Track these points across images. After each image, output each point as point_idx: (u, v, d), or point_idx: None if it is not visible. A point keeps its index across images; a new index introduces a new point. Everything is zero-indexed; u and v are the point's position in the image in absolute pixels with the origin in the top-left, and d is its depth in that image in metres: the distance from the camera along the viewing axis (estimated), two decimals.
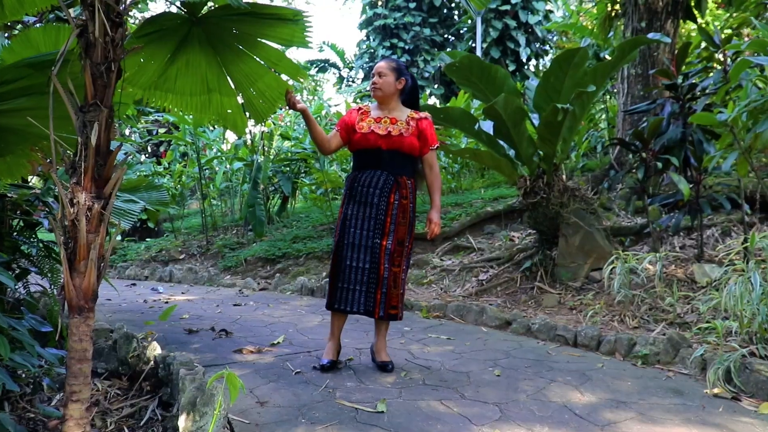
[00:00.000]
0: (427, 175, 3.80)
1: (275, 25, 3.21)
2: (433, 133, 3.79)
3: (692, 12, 8.31)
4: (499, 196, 8.34)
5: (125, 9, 2.29)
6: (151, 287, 7.60)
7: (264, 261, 8.41)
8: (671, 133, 5.44)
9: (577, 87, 5.31)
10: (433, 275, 6.73)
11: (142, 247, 10.68)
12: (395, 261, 3.61)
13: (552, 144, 5.50)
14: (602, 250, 5.71)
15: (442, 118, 5.83)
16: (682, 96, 5.63)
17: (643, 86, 7.79)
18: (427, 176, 3.80)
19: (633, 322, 4.72)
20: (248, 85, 3.51)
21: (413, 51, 17.96)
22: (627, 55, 5.39)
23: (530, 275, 5.95)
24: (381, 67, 3.74)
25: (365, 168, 3.67)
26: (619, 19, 8.71)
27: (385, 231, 3.59)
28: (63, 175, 2.78)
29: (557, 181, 5.77)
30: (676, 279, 5.18)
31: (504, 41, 15.62)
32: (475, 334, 4.70)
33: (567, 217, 5.73)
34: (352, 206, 3.63)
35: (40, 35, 3.31)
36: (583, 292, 5.49)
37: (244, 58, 3.38)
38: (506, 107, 5.15)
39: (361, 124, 3.70)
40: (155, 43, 3.19)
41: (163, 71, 3.36)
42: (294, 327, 4.90)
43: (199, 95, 3.55)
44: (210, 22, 3.16)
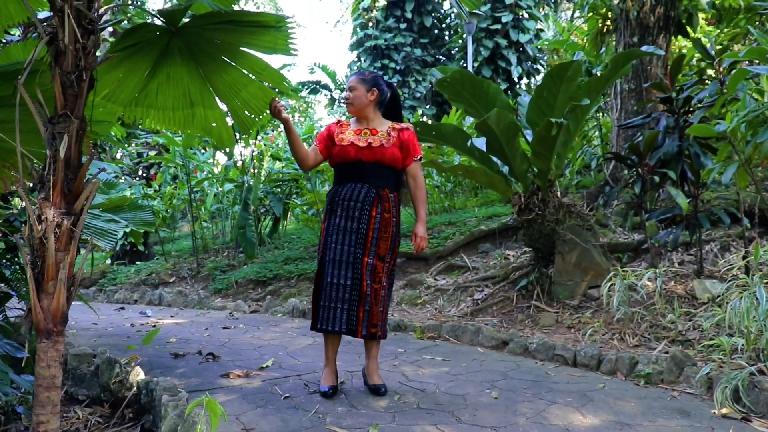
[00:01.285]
0: (411, 187, 3.68)
1: (257, 32, 3.11)
2: (416, 144, 3.68)
3: (684, 28, 8.28)
4: (493, 214, 8.22)
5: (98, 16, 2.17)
6: (139, 311, 7.43)
7: (255, 283, 8.26)
8: (667, 146, 5.35)
9: (570, 101, 5.22)
10: (427, 295, 6.59)
11: (132, 271, 10.50)
12: (376, 278, 3.47)
13: (546, 159, 5.40)
14: (599, 267, 5.59)
15: (434, 135, 5.73)
16: (678, 109, 5.55)
17: (637, 101, 7.72)
18: (411, 188, 3.68)
19: (633, 340, 4.59)
20: (232, 96, 3.40)
21: (404, 71, 17.94)
22: (620, 68, 5.31)
23: (526, 294, 5.82)
24: (351, 82, 3.66)
25: (346, 181, 3.55)
26: (610, 35, 8.68)
27: (366, 246, 3.45)
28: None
29: (552, 198, 5.67)
30: (676, 295, 5.06)
31: (495, 60, 15.62)
32: (471, 355, 4.55)
33: (563, 233, 5.61)
34: (332, 221, 3.50)
35: (20, 51, 3.20)
36: (581, 310, 5.36)
37: (227, 68, 3.27)
38: (499, 122, 5.05)
39: (341, 137, 3.58)
40: (134, 57, 3.08)
41: (144, 86, 3.24)
42: (284, 350, 4.74)
43: (182, 110, 3.43)
44: (190, 33, 3.05)
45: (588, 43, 8.90)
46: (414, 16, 18.52)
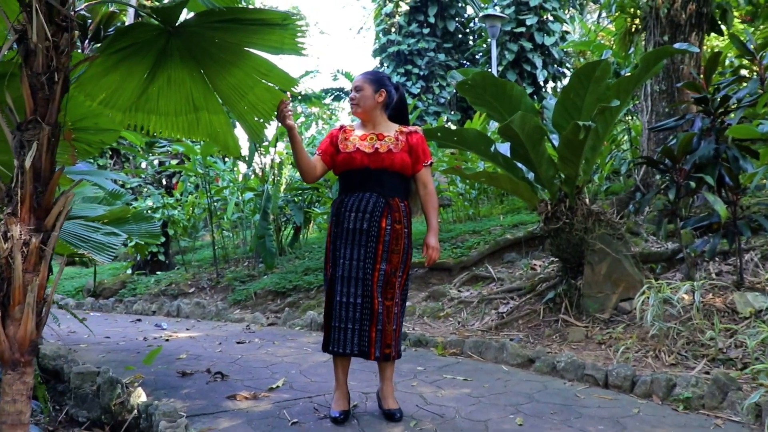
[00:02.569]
0: (421, 194, 3.42)
1: (262, 31, 2.88)
2: (425, 148, 3.43)
3: (717, 25, 7.93)
4: (519, 222, 7.93)
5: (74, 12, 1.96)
6: (155, 323, 7.26)
7: (274, 294, 8.05)
8: (703, 150, 5.03)
9: (599, 102, 4.94)
10: (450, 308, 6.32)
11: (152, 281, 10.37)
12: (388, 294, 3.22)
13: (574, 165, 5.11)
14: (631, 278, 5.28)
15: (456, 141, 5.47)
16: (714, 110, 5.23)
17: (668, 103, 7.39)
18: (421, 196, 3.43)
19: (669, 359, 4.28)
20: (237, 99, 3.18)
21: (428, 77, 17.68)
22: (651, 67, 5.02)
23: (554, 307, 5.52)
24: (357, 81, 3.39)
25: (352, 191, 3.30)
26: (639, 35, 8.35)
27: (377, 260, 3.20)
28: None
29: (580, 205, 5.37)
30: (715, 309, 4.73)
31: (520, 64, 15.31)
32: (495, 374, 4.28)
33: (592, 243, 5.30)
34: (340, 234, 3.25)
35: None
36: (612, 325, 5.05)
37: (231, 69, 3.06)
38: (523, 126, 4.77)
39: (345, 143, 3.33)
40: (131, 59, 2.88)
41: (143, 90, 3.03)
42: (297, 367, 4.51)
43: (185, 114, 3.22)
44: (189, 33, 2.84)
45: (616, 43, 8.57)
46: (437, 20, 18.27)
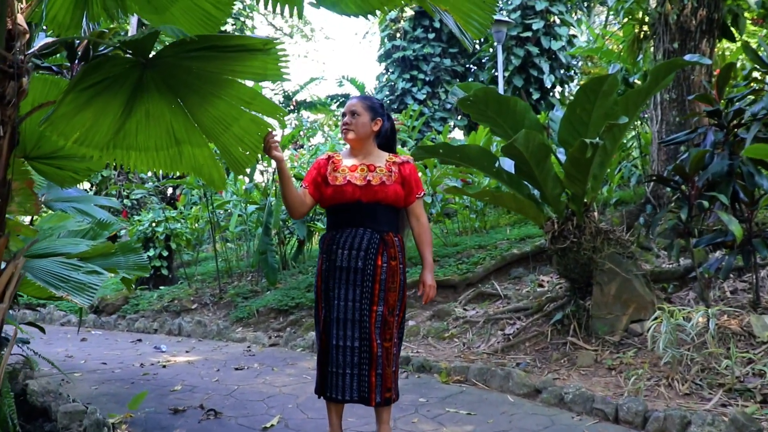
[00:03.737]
0: (414, 228, 3.25)
1: (243, 58, 2.70)
2: (418, 179, 3.27)
3: (729, 30, 7.70)
4: (526, 235, 7.73)
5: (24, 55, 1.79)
6: (154, 345, 7.09)
7: (277, 312, 7.88)
8: (717, 165, 4.82)
9: (606, 118, 4.75)
10: (455, 328, 6.13)
11: (155, 296, 10.21)
12: (386, 335, 3.05)
13: (581, 183, 4.92)
14: (642, 299, 5.08)
15: (458, 158, 5.29)
16: (727, 123, 5.02)
17: (679, 112, 7.17)
18: (414, 230, 3.26)
19: (683, 388, 4.08)
20: (221, 131, 2.99)
21: (434, 82, 17.50)
22: (661, 80, 4.82)
23: (562, 328, 5.32)
24: (354, 105, 3.20)
25: (343, 226, 3.12)
26: (648, 41, 8.13)
27: (374, 300, 3.02)
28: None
29: (588, 223, 5.17)
30: (730, 332, 4.53)
31: (527, 69, 15.09)
32: (500, 406, 4.09)
33: (601, 263, 5.11)
34: (332, 273, 3.07)
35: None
36: (622, 348, 4.85)
37: (212, 100, 2.87)
38: (527, 144, 4.59)
39: (335, 175, 3.15)
40: (104, 95, 2.69)
41: (120, 126, 2.85)
42: (295, 400, 4.34)
43: (166, 149, 3.03)
44: (164, 64, 2.66)
45: (624, 50, 8.36)
46: (442, 25, 18.06)
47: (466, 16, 2.08)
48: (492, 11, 2.11)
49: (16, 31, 1.75)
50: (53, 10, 2.68)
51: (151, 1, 2.82)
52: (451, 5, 2.05)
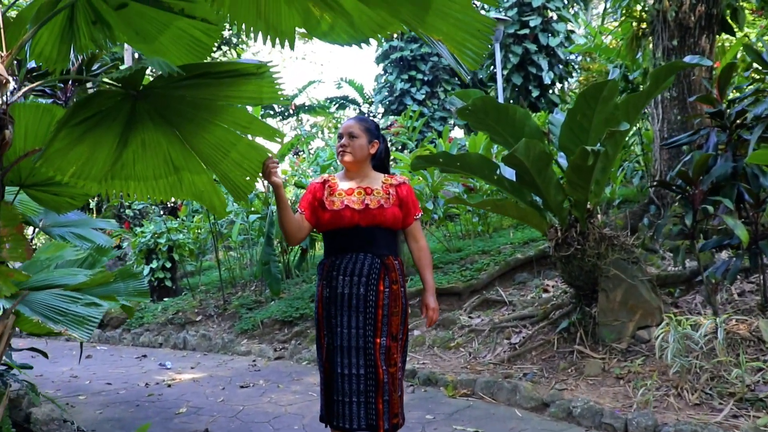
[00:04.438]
0: (413, 250, 3.22)
1: (237, 83, 2.66)
2: (415, 200, 3.23)
3: (728, 24, 7.62)
4: (529, 239, 7.67)
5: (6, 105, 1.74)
6: (159, 362, 7.06)
7: (281, 323, 7.84)
8: (721, 168, 4.76)
9: (607, 123, 4.70)
10: (461, 337, 6.08)
11: (159, 309, 10.18)
12: (391, 360, 3.00)
13: (583, 189, 4.86)
14: (648, 304, 5.02)
15: (458, 166, 5.23)
16: (729, 124, 4.96)
17: (680, 110, 7.10)
18: (413, 251, 3.22)
19: (693, 398, 4.03)
20: (220, 158, 2.94)
21: (432, 82, 17.43)
22: (662, 82, 4.77)
23: (568, 336, 5.27)
24: (351, 127, 3.14)
25: (343, 251, 3.06)
26: (647, 39, 8.05)
27: (377, 326, 2.98)
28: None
29: (592, 230, 5.12)
30: (739, 337, 4.48)
31: (525, 66, 15.01)
32: (508, 422, 4.04)
33: (606, 269, 5.05)
34: (333, 300, 3.02)
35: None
36: (630, 356, 4.80)
37: (208, 127, 2.82)
38: (528, 153, 4.53)
39: (332, 199, 3.09)
40: (98, 128, 2.64)
41: (117, 157, 2.80)
42: (300, 421, 4.30)
43: (165, 177, 2.98)
44: (156, 94, 2.61)
45: (623, 48, 8.28)
46: None
47: (460, 46, 2.03)
48: (488, 40, 2.06)
49: None
50: (39, 45, 2.64)
51: (140, 32, 2.78)
52: (445, 35, 2.00)
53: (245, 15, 2.22)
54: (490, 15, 12.89)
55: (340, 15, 2.13)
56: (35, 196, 3.59)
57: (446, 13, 1.96)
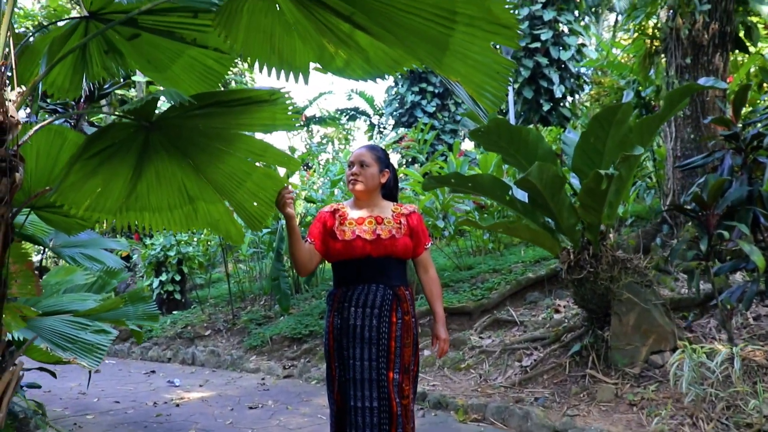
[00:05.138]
0: (423, 280, 3.17)
1: (250, 110, 2.63)
2: (424, 229, 3.18)
3: (742, 42, 7.57)
4: (540, 257, 7.61)
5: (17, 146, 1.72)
6: (167, 379, 7.03)
7: (290, 340, 7.80)
8: (736, 192, 4.70)
9: (621, 146, 4.66)
10: (471, 358, 6.02)
11: (168, 322, 10.17)
12: (404, 391, 2.96)
13: (597, 212, 4.81)
14: (662, 329, 4.96)
15: (470, 187, 5.19)
16: (745, 147, 4.91)
17: (693, 129, 7.04)
18: (423, 282, 3.18)
19: (709, 428, 3.96)
20: (235, 187, 2.92)
21: (443, 94, 17.41)
22: (676, 105, 4.73)
23: (580, 360, 5.20)
24: (363, 156, 3.07)
25: (354, 282, 3.00)
26: (659, 56, 8.01)
27: (390, 358, 2.93)
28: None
29: (605, 252, 5.06)
30: (755, 365, 4.40)
31: (536, 80, 14.97)
32: None
33: (619, 293, 4.99)
34: (345, 332, 2.96)
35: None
36: (643, 382, 4.73)
37: (222, 156, 2.81)
38: (541, 176, 4.49)
39: (342, 229, 3.02)
40: (111, 161, 2.63)
41: (131, 189, 2.79)
42: None
43: (180, 207, 2.97)
44: (169, 125, 2.59)
45: (635, 65, 8.23)
46: None
47: (479, 88, 1.99)
48: (506, 82, 2.02)
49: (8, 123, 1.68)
50: (52, 76, 2.63)
51: (152, 61, 2.77)
52: (463, 76, 1.96)
53: (259, 50, 2.20)
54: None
55: (356, 51, 2.10)
56: (46, 217, 3.58)
57: (465, 54, 1.93)
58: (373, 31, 1.98)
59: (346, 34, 2.02)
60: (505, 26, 1.87)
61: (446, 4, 1.82)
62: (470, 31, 1.88)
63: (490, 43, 1.93)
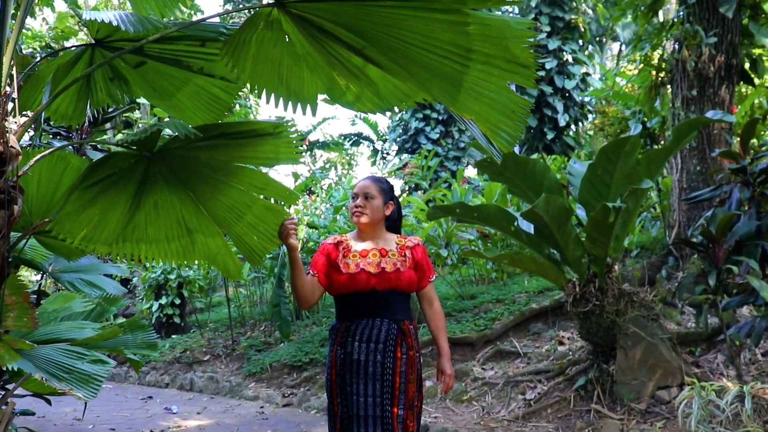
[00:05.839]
0: (427, 313, 3.12)
1: (254, 143, 2.59)
2: (429, 262, 3.13)
3: (748, 74, 7.57)
4: (544, 288, 7.53)
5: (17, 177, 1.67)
6: (165, 406, 6.92)
7: (290, 367, 7.70)
8: (744, 227, 4.65)
9: (628, 179, 4.63)
10: (474, 389, 5.93)
11: (167, 346, 10.06)
12: (408, 428, 2.89)
13: (603, 245, 4.75)
14: (669, 364, 4.88)
15: (475, 217, 5.15)
16: (753, 180, 4.86)
17: (699, 160, 7.01)
18: (427, 315, 3.12)
19: None
20: (234, 221, 2.86)
21: (447, 121, 17.38)
22: (684, 138, 4.72)
23: (585, 394, 5.11)
24: (368, 188, 3.02)
25: (358, 316, 2.93)
26: (665, 87, 8.00)
27: (395, 394, 2.86)
28: None
29: (611, 285, 5.00)
30: (765, 403, 4.31)
31: (541, 108, 14.96)
32: None
33: (625, 326, 4.92)
34: (349, 367, 2.88)
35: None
36: (650, 418, 4.65)
37: (223, 189, 2.76)
38: (548, 208, 4.44)
39: (346, 262, 2.94)
40: (110, 190, 2.59)
41: (129, 220, 2.73)
42: None
43: (177, 240, 2.91)
44: (171, 155, 2.55)
45: (641, 96, 8.23)
46: None
47: (494, 127, 1.95)
48: (523, 122, 1.98)
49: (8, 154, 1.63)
50: (56, 103, 2.60)
51: (157, 89, 2.73)
52: (477, 115, 1.92)
53: (266, 80, 2.17)
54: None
55: (366, 85, 2.06)
56: (45, 242, 3.53)
57: (480, 92, 1.89)
58: (385, 66, 1.94)
59: (358, 67, 1.99)
60: (523, 65, 1.83)
61: (462, 41, 1.78)
62: (486, 69, 1.84)
63: (506, 81, 1.89)
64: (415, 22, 1.80)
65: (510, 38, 1.83)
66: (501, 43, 1.81)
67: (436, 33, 1.79)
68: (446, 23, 1.78)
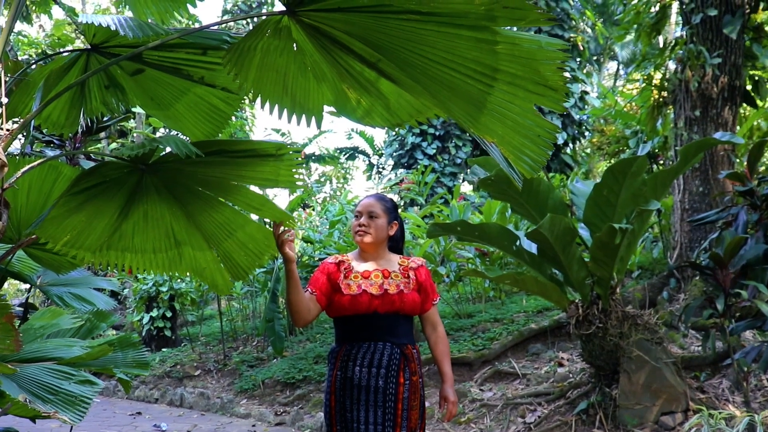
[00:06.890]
0: (430, 337, 3.00)
1: (253, 163, 2.46)
2: (433, 284, 3.02)
3: (751, 96, 7.51)
4: (543, 307, 7.41)
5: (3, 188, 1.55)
6: (153, 423, 6.75)
7: (283, 385, 7.55)
8: (752, 251, 4.55)
9: (634, 199, 4.53)
10: (472, 411, 5.79)
11: (157, 360, 9.87)
12: None
13: (608, 266, 4.65)
14: (673, 389, 4.76)
15: (477, 236, 5.03)
16: (760, 203, 4.78)
17: (702, 181, 6.93)
18: (430, 339, 3.00)
19: None
20: (224, 237, 2.73)
21: (444, 137, 17.28)
22: (691, 159, 4.63)
23: (587, 419, 4.98)
24: (372, 206, 2.92)
25: (359, 339, 2.81)
26: (667, 107, 7.93)
27: (397, 422, 2.73)
28: None
29: (615, 307, 4.88)
30: None
31: None
32: None
33: (628, 350, 4.80)
34: (349, 393, 2.75)
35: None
36: None
37: (217, 206, 2.62)
38: (553, 229, 4.33)
39: (347, 283, 2.83)
40: (99, 198, 2.45)
41: (116, 228, 2.60)
42: None
43: (165, 251, 2.77)
44: (167, 169, 2.42)
45: (643, 116, 8.17)
46: None
47: (516, 151, 1.84)
48: (548, 147, 1.86)
49: None
50: (47, 110, 2.47)
51: (155, 98, 2.62)
52: (500, 138, 1.81)
53: (270, 90, 2.05)
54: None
55: (377, 99, 1.95)
56: (35, 255, 3.41)
57: (504, 114, 1.77)
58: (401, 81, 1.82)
59: (370, 81, 1.87)
60: (551, 88, 1.72)
61: (488, 59, 1.67)
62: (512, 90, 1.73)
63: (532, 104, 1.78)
64: (438, 38, 1.68)
65: (540, 60, 1.72)
66: (530, 64, 1.70)
67: (461, 50, 1.68)
68: (473, 40, 1.67)
